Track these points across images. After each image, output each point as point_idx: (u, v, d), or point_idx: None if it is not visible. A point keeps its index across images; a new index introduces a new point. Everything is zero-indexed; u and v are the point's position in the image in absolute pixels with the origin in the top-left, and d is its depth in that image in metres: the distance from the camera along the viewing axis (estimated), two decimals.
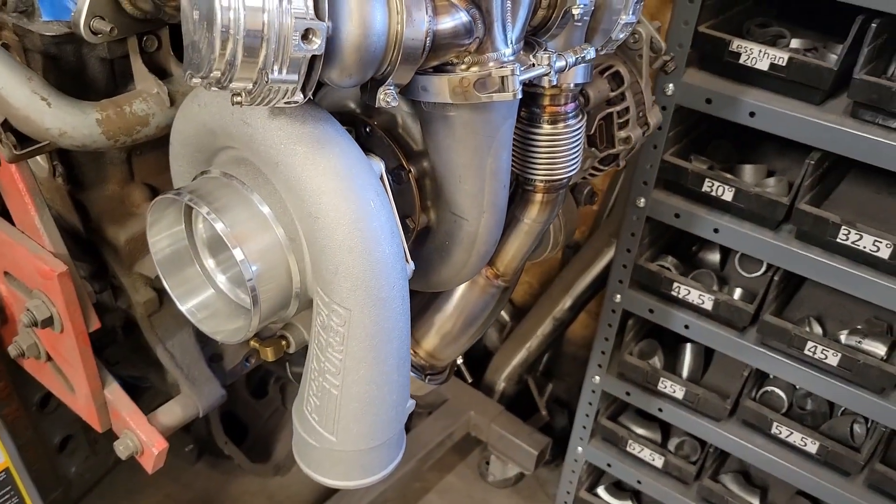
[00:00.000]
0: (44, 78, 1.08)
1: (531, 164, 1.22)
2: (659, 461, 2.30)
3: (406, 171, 1.12)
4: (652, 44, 1.50)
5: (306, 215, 0.92)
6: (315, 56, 0.81)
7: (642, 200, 2.00)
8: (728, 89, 1.78)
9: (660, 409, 2.21)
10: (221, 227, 0.93)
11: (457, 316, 1.43)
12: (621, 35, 1.18)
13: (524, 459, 2.61)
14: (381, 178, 0.98)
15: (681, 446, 2.34)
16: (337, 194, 0.91)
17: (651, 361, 2.22)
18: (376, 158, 0.99)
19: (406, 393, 1.06)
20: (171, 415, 1.21)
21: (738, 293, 2.08)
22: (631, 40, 1.48)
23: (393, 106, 0.92)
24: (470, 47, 0.96)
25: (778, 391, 2.12)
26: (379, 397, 1.01)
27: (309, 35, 0.79)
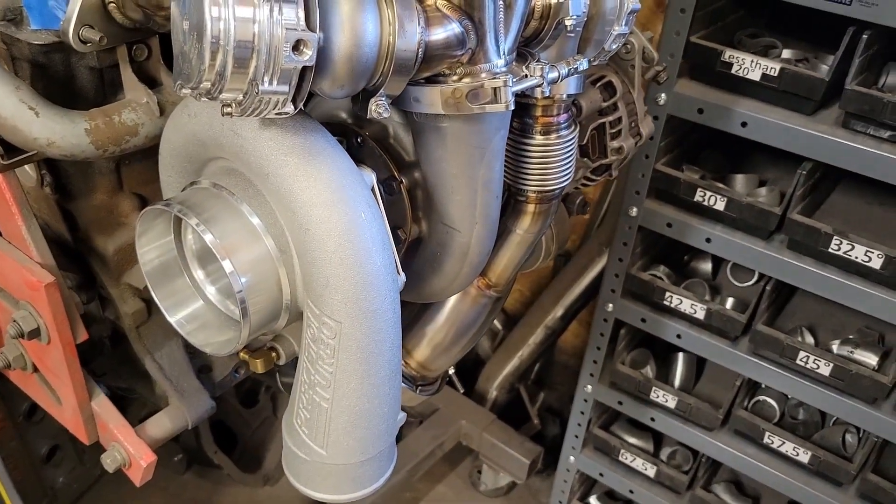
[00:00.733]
0: (32, 87, 1.07)
1: (523, 175, 1.22)
2: (651, 471, 2.30)
3: (398, 182, 1.11)
4: (644, 54, 1.50)
5: (297, 227, 0.91)
6: (306, 67, 0.80)
7: (634, 210, 1.99)
8: (720, 99, 1.78)
9: (652, 419, 2.20)
10: (211, 239, 0.92)
11: (448, 326, 1.43)
12: (614, 46, 1.17)
13: (516, 468, 2.60)
14: (373, 190, 0.97)
15: (673, 456, 2.34)
16: (328, 206, 0.90)
17: (643, 371, 2.22)
18: (367, 169, 0.98)
19: (397, 405, 1.05)
20: (160, 427, 1.19)
21: (731, 303, 2.08)
22: (623, 51, 1.48)
23: (385, 117, 0.91)
24: (462, 58, 0.95)
25: (770, 401, 2.12)
26: (370, 410, 1.00)
27: (300, 46, 0.78)
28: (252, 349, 1.15)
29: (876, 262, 1.68)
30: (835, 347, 1.92)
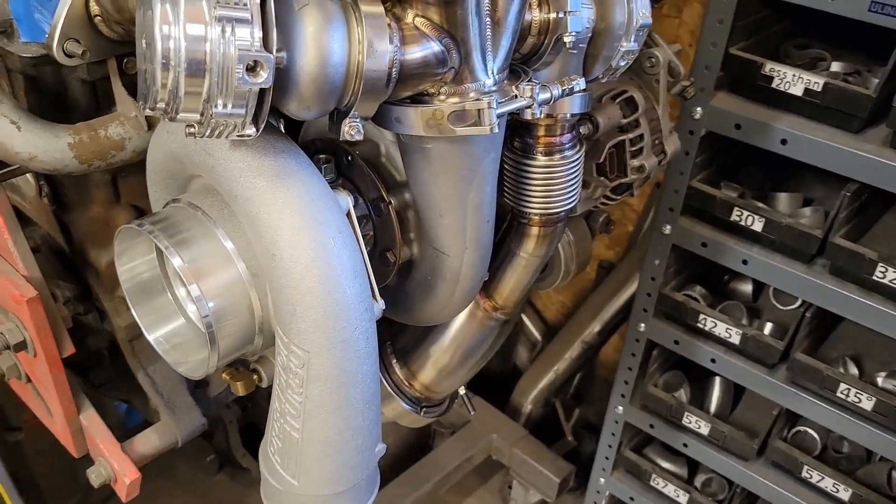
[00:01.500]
0: (26, 98, 1.07)
1: (526, 197, 1.16)
2: (684, 498, 2.20)
3: (386, 203, 1.07)
4: (670, 68, 1.42)
5: (264, 251, 0.88)
6: (264, 89, 0.76)
7: (668, 227, 1.91)
8: (759, 115, 1.69)
9: (685, 445, 2.11)
10: (178, 263, 0.89)
11: (454, 349, 1.38)
12: (622, 63, 1.11)
13: (546, 487, 2.54)
14: (349, 214, 0.93)
15: (708, 483, 2.24)
16: (295, 231, 0.86)
17: (676, 394, 2.13)
18: (343, 193, 0.94)
19: (374, 437, 1.00)
20: (148, 443, 1.18)
21: (769, 328, 1.97)
22: (647, 64, 1.41)
23: (357, 139, 0.87)
24: (445, 77, 0.91)
25: (811, 432, 2.00)
26: (342, 442, 0.96)
27: (256, 68, 0.74)
28: (235, 369, 1.12)
29: None
30: (880, 380, 1.80)
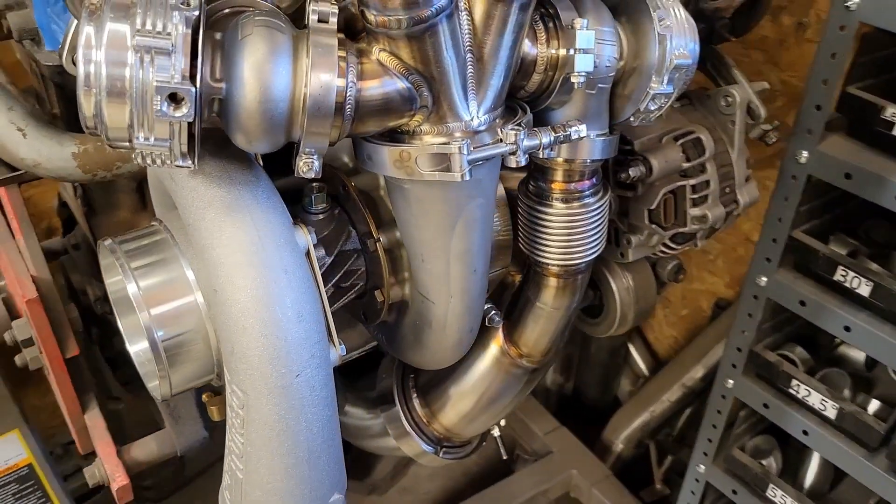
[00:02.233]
0: (57, 104, 1.09)
1: (541, 246, 1.07)
2: None
3: (374, 240, 1.01)
4: (749, 109, 1.26)
5: (208, 285, 0.85)
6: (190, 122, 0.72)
7: (763, 279, 1.71)
8: (874, 164, 1.47)
9: None
10: (133, 290, 0.88)
11: (477, 394, 1.30)
12: (653, 107, 0.98)
13: None
14: (308, 253, 0.88)
15: None
16: (236, 268, 0.82)
17: (765, 462, 1.92)
18: (303, 231, 0.88)
19: (325, 488, 0.95)
20: (146, 450, 1.19)
21: (874, 406, 1.73)
22: (723, 103, 1.27)
23: (311, 176, 0.81)
24: (417, 116, 0.83)
25: None
26: (284, 490, 0.91)
27: (179, 100, 0.71)
28: (214, 393, 1.10)
29: None
30: None
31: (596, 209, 1.05)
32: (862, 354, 1.86)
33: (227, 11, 0.80)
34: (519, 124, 0.86)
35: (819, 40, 1.48)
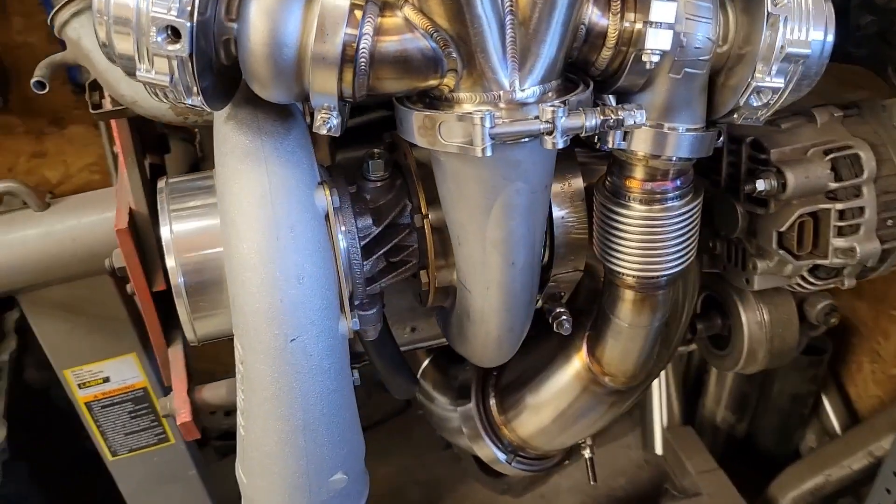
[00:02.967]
0: None
1: (615, 253, 0.94)
2: None
3: (422, 216, 0.94)
4: None
5: (222, 232, 0.83)
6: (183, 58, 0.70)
7: None
8: None
9: None
10: (165, 233, 0.89)
11: (556, 408, 1.19)
12: (756, 102, 0.82)
13: None
14: (327, 217, 0.83)
15: None
16: (244, 218, 0.80)
17: None
18: (326, 191, 0.83)
19: (326, 464, 0.90)
20: (215, 394, 1.21)
21: None
22: None
23: (324, 132, 0.76)
24: (447, 79, 0.76)
25: None
26: (281, 457, 0.88)
27: (176, 34, 0.69)
28: None
29: None
30: None
31: (681, 215, 0.90)
32: None
33: None
34: (565, 101, 0.75)
35: None
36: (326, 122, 0.76)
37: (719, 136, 0.91)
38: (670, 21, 0.76)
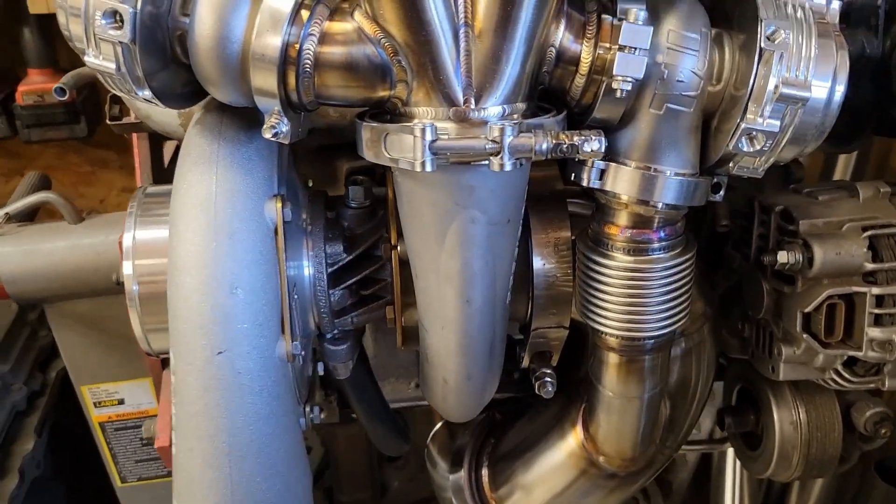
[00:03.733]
0: None
1: (596, 308, 0.86)
2: None
3: (390, 246, 0.89)
4: None
5: (168, 235, 0.81)
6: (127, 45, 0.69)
7: None
8: None
9: None
10: (128, 239, 0.88)
11: (548, 490, 1.09)
12: (747, 147, 0.73)
13: None
14: (276, 230, 0.79)
15: None
16: (186, 220, 0.78)
17: None
18: (277, 204, 0.79)
19: (260, 496, 0.84)
20: None
21: None
22: None
23: (269, 137, 0.73)
24: (397, 90, 0.72)
25: None
26: (204, 480, 0.82)
27: (119, 19, 0.69)
28: None
29: None
30: None
31: (667, 269, 0.80)
32: None
33: None
34: (519, 123, 0.69)
35: None
36: (274, 128, 0.74)
37: (718, 189, 0.82)
38: (643, 47, 0.69)
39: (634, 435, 0.97)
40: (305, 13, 0.70)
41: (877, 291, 0.92)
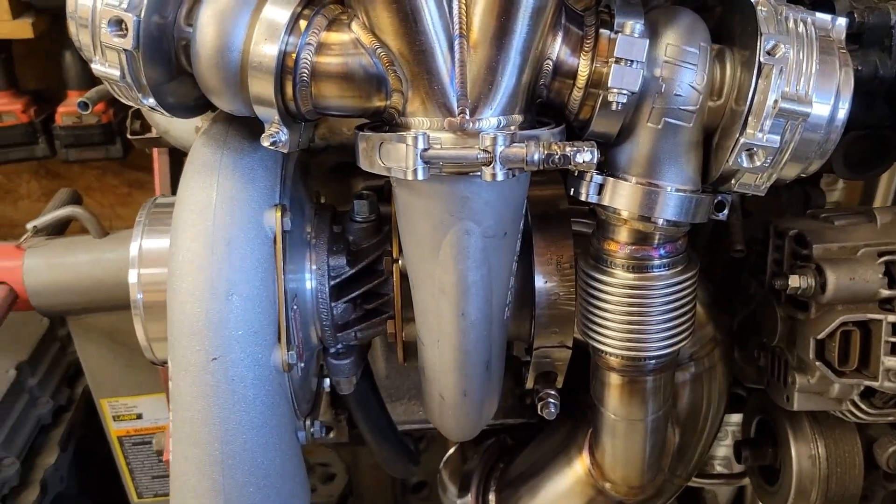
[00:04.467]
0: None
1: (596, 326, 0.85)
2: None
3: (391, 259, 0.89)
4: None
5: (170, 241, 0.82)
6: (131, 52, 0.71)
7: None
8: None
9: None
10: (134, 248, 0.90)
11: None
12: (746, 163, 0.72)
13: None
14: (275, 238, 0.80)
15: None
16: (186, 226, 0.79)
17: None
18: (276, 213, 0.80)
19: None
20: None
21: None
22: None
23: (268, 145, 0.74)
24: (393, 99, 0.72)
25: None
26: (198, 490, 0.82)
27: (123, 27, 0.71)
28: None
29: None
30: None
31: (668, 287, 0.79)
32: None
33: None
34: (513, 134, 0.68)
35: None
36: (273, 137, 0.74)
37: (723, 208, 0.80)
38: (639, 59, 0.69)
39: (641, 461, 0.94)
40: (303, 23, 0.71)
41: (893, 319, 0.89)
